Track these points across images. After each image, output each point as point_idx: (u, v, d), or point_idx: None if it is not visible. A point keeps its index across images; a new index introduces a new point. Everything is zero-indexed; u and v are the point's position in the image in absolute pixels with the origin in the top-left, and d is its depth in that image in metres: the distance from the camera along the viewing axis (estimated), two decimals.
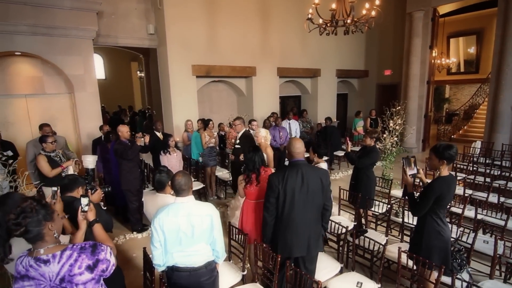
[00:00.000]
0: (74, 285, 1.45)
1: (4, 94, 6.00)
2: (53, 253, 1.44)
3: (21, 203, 1.40)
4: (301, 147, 2.60)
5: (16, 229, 1.39)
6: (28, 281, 1.41)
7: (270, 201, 2.56)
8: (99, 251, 1.52)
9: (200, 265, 2.22)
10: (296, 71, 9.47)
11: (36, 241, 1.43)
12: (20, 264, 1.44)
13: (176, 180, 2.10)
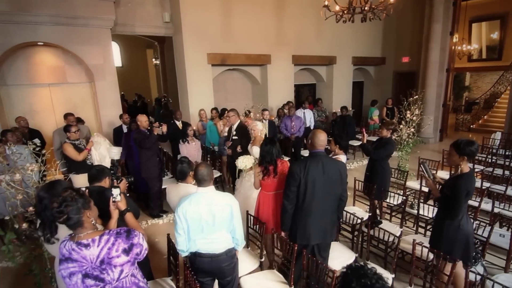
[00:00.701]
0: (113, 267, 1.59)
1: (29, 84, 6.22)
2: (92, 238, 1.59)
3: (62, 193, 1.54)
4: (325, 139, 2.68)
5: (59, 216, 1.54)
6: (72, 263, 1.56)
7: (291, 190, 2.63)
8: (133, 236, 1.66)
9: (221, 252, 2.34)
10: (311, 58, 9.36)
11: (76, 227, 1.58)
12: (64, 248, 1.59)
13: (199, 171, 2.21)
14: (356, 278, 1.11)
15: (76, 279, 1.56)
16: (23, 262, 2.75)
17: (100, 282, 1.58)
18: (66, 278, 1.57)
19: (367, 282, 1.08)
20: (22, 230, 2.38)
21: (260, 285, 2.75)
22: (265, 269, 3.11)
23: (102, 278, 1.58)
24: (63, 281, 1.60)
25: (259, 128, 4.46)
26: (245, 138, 4.99)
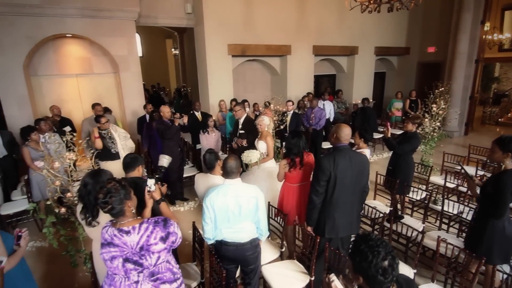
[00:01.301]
0: (151, 253, 1.70)
1: (58, 74, 6.48)
2: (133, 226, 1.70)
3: (106, 184, 1.65)
4: (349, 133, 2.69)
5: (104, 206, 1.65)
6: (113, 248, 1.68)
7: (321, 184, 2.62)
8: (169, 225, 1.77)
9: (245, 241, 2.43)
10: (333, 49, 9.20)
11: (119, 216, 1.70)
12: (106, 233, 1.71)
13: (228, 163, 2.29)
14: (364, 242, 1.27)
15: (117, 262, 1.68)
16: (59, 243, 2.93)
17: (139, 266, 1.69)
18: (108, 261, 1.70)
19: (373, 244, 1.25)
20: (60, 214, 2.55)
21: (281, 274, 2.82)
22: (285, 259, 3.19)
23: (140, 263, 1.69)
24: (105, 263, 1.72)
25: (265, 123, 4.38)
26: (251, 132, 4.85)
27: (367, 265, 1.23)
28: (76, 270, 3.32)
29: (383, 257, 1.22)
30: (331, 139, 2.78)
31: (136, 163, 2.52)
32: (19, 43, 5.70)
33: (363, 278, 1.27)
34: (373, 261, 1.22)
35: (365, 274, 1.25)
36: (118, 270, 1.70)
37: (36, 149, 4.27)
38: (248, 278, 2.58)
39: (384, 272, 1.21)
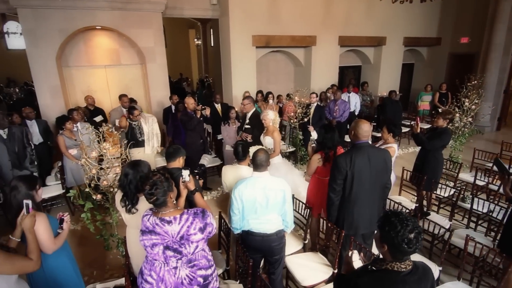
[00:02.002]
0: (190, 242, 1.80)
1: (87, 65, 6.72)
2: (174, 216, 1.79)
3: (152, 176, 1.74)
4: (369, 129, 2.63)
5: (150, 197, 1.75)
6: (155, 235, 1.77)
7: (338, 183, 2.63)
8: (206, 216, 1.86)
9: (271, 232, 2.49)
10: (359, 39, 8.95)
11: (161, 206, 1.79)
12: (148, 221, 1.80)
13: (258, 156, 2.34)
14: (395, 215, 1.41)
15: (157, 249, 1.78)
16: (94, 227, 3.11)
17: (178, 254, 1.79)
18: (148, 248, 1.80)
19: (403, 218, 1.39)
20: (97, 200, 2.71)
21: (304, 265, 2.86)
22: (307, 251, 3.23)
23: (180, 251, 1.79)
24: (145, 249, 1.83)
25: (270, 118, 4.22)
26: (258, 127, 4.71)
27: (395, 234, 1.37)
28: (107, 252, 3.51)
29: (410, 229, 1.36)
30: (350, 136, 2.75)
31: (177, 154, 2.62)
32: (52, 35, 5.95)
33: (388, 246, 1.41)
34: (401, 231, 1.36)
35: (391, 242, 1.38)
36: (158, 257, 1.80)
37: (70, 137, 4.50)
38: (273, 267, 2.64)
39: (409, 242, 1.35)
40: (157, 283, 1.81)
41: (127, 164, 2.28)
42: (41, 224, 1.98)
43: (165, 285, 1.80)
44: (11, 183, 2.08)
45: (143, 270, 1.89)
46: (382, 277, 1.43)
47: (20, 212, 1.93)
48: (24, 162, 4.21)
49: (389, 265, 1.43)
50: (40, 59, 5.94)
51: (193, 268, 1.87)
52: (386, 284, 1.41)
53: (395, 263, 1.42)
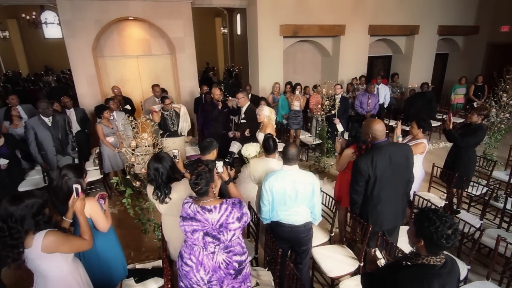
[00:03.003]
0: (228, 230, 1.93)
1: (121, 55, 6.97)
2: (214, 205, 1.92)
3: (197, 167, 1.87)
4: (384, 128, 2.61)
5: (195, 187, 1.89)
6: (196, 222, 1.92)
7: (360, 185, 2.63)
8: (243, 206, 1.99)
9: (300, 224, 2.58)
10: (391, 28, 8.63)
11: (204, 195, 1.93)
12: (189, 208, 1.94)
13: (290, 150, 2.42)
14: (433, 212, 1.47)
15: (197, 235, 1.92)
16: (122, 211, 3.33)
17: (216, 240, 1.93)
18: (189, 233, 1.94)
19: (440, 214, 1.45)
20: (136, 187, 2.90)
21: (330, 257, 2.94)
22: (333, 243, 3.30)
23: (218, 238, 1.93)
24: (185, 234, 1.98)
25: (265, 114, 4.06)
26: (254, 122, 4.52)
27: (434, 230, 1.43)
28: (143, 235, 3.75)
29: (449, 226, 1.43)
30: (367, 139, 2.69)
31: (212, 147, 2.77)
32: (89, 26, 6.21)
33: (425, 241, 1.47)
34: (440, 227, 1.42)
35: (429, 237, 1.45)
36: (198, 242, 1.94)
37: (107, 126, 4.76)
38: (300, 258, 2.75)
39: (448, 238, 1.42)
40: (197, 266, 1.96)
41: (152, 159, 2.40)
42: (96, 207, 2.20)
43: (204, 269, 1.95)
44: (62, 171, 2.28)
45: (183, 253, 2.04)
46: (419, 272, 1.49)
47: (70, 196, 2.13)
48: (67, 148, 4.52)
49: (425, 260, 1.50)
50: (78, 49, 6.24)
51: (229, 254, 2.00)
52: (423, 278, 1.47)
53: (430, 257, 1.49)
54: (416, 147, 3.39)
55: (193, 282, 2.00)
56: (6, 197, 1.80)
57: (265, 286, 2.61)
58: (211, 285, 1.99)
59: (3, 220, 1.74)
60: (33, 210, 1.79)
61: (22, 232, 1.75)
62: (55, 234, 1.83)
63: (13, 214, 1.73)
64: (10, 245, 1.74)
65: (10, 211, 1.74)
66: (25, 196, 1.80)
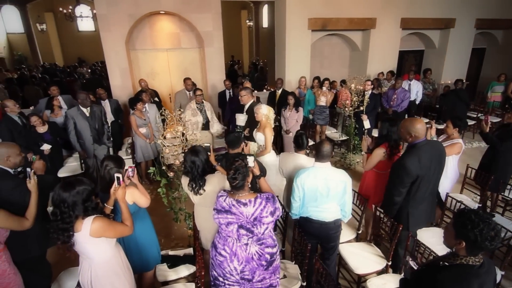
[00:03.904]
0: (262, 224, 2.00)
1: (151, 48, 7.17)
2: (249, 199, 1.99)
3: (235, 162, 1.94)
4: (425, 127, 2.58)
5: (233, 181, 1.96)
6: (230, 215, 1.99)
7: (406, 186, 2.58)
8: (276, 201, 2.04)
9: (329, 221, 2.60)
10: (424, 22, 8.29)
11: (239, 189, 2.00)
12: (224, 202, 2.01)
13: (324, 147, 2.44)
14: (474, 214, 1.46)
15: (232, 227, 2.00)
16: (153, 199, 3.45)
17: (250, 233, 2.00)
18: (223, 225, 2.03)
19: (483, 216, 1.45)
20: (170, 178, 3.03)
21: (358, 254, 2.95)
22: (360, 241, 3.30)
23: (252, 231, 2.00)
24: (219, 226, 2.07)
25: (262, 112, 3.88)
26: (254, 121, 4.26)
27: (478, 232, 1.42)
28: (173, 224, 3.90)
29: (492, 227, 1.43)
30: (407, 139, 2.63)
31: (240, 141, 2.84)
32: (123, 20, 6.43)
33: (467, 243, 1.47)
34: (484, 229, 1.41)
35: (473, 239, 1.44)
36: (232, 234, 2.02)
37: (140, 117, 4.95)
38: (328, 253, 2.77)
39: (492, 239, 1.42)
40: (230, 257, 2.04)
41: (189, 152, 2.49)
42: (134, 190, 2.37)
43: (238, 259, 2.03)
44: (104, 162, 2.42)
45: (217, 244, 2.13)
46: (459, 272, 1.51)
47: (112, 185, 2.27)
48: (103, 138, 4.76)
49: (463, 260, 1.51)
50: (112, 42, 6.49)
51: (261, 246, 2.07)
52: (463, 277, 1.49)
53: (469, 257, 1.50)
54: (452, 147, 3.29)
55: (226, 271, 2.08)
56: (59, 184, 1.94)
57: (292, 278, 2.67)
58: (243, 275, 2.06)
59: (56, 205, 1.88)
60: (83, 196, 1.92)
61: (73, 217, 1.89)
62: (102, 220, 1.97)
63: (65, 200, 1.87)
64: (61, 229, 1.88)
65: (63, 197, 1.87)
66: (77, 183, 1.93)
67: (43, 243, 2.63)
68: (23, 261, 2.42)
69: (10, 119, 4.53)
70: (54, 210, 1.89)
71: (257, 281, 2.07)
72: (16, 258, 2.33)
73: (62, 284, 2.64)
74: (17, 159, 2.47)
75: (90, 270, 2.04)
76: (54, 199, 1.90)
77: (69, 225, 1.89)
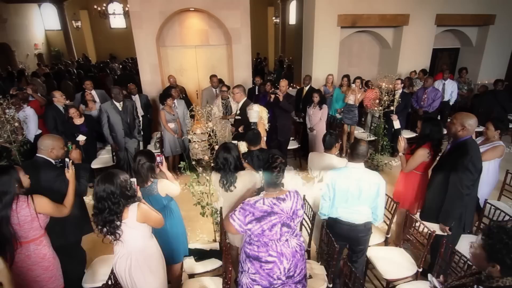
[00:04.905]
0: (297, 217, 1.99)
1: (180, 45, 7.30)
2: (285, 193, 1.97)
3: (276, 160, 1.92)
4: (476, 124, 2.54)
5: (277, 179, 1.94)
6: (273, 216, 1.92)
7: (471, 186, 2.53)
8: (300, 195, 2.04)
9: (360, 223, 2.54)
10: (462, 18, 7.88)
11: (277, 186, 1.96)
12: (264, 205, 1.92)
13: (360, 147, 2.38)
14: (505, 233, 1.31)
15: (276, 229, 1.92)
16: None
17: (289, 228, 1.98)
18: (267, 231, 1.91)
19: None
20: (199, 172, 3.09)
21: (387, 259, 2.86)
22: (388, 245, 3.21)
23: (290, 225, 1.98)
24: (261, 234, 1.92)
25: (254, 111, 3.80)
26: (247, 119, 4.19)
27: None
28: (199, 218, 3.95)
29: None
30: (457, 131, 2.54)
31: (259, 138, 2.88)
32: (154, 17, 6.59)
33: (502, 266, 1.33)
34: None
35: (509, 263, 1.31)
36: (275, 236, 1.93)
37: (169, 112, 5.06)
38: (356, 256, 2.71)
39: None
40: (279, 258, 1.96)
41: (222, 150, 2.52)
42: (164, 182, 2.46)
43: (286, 257, 1.97)
44: (137, 156, 2.49)
45: (258, 255, 1.97)
46: None
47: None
48: (134, 132, 4.91)
49: (500, 282, 1.36)
50: (143, 39, 6.67)
51: (297, 237, 2.06)
52: None
53: (506, 278, 1.36)
54: (494, 150, 3.12)
55: (274, 277, 1.98)
56: (98, 179, 1.99)
57: (318, 279, 2.64)
58: (289, 273, 2.01)
59: (104, 198, 1.93)
60: (126, 185, 2.01)
61: (122, 206, 1.98)
62: (144, 206, 2.08)
63: (114, 191, 1.94)
64: (109, 221, 1.96)
65: (111, 189, 1.94)
66: (117, 174, 2.00)
67: (79, 230, 2.76)
68: (60, 247, 2.54)
69: (56, 108, 4.86)
70: (102, 204, 1.94)
71: (297, 274, 2.05)
72: (55, 243, 2.46)
73: (96, 270, 2.76)
74: (60, 152, 2.61)
75: (130, 258, 2.11)
76: (100, 194, 1.94)
77: (118, 215, 1.97)
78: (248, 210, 1.93)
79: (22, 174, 2.19)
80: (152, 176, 2.46)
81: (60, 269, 2.43)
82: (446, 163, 2.73)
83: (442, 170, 2.75)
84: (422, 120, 3.04)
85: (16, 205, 2.08)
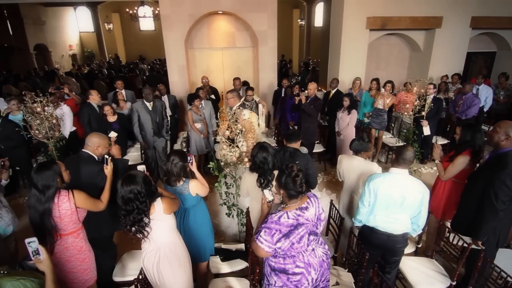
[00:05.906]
0: (321, 221, 1.95)
1: (208, 47, 7.42)
2: (306, 201, 1.92)
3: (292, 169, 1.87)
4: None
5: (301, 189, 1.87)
6: (300, 227, 1.85)
7: (510, 200, 2.41)
8: (318, 198, 2.00)
9: (398, 233, 2.44)
10: (499, 21, 7.49)
11: (299, 195, 1.88)
12: (289, 219, 1.84)
13: (408, 152, 2.32)
14: None
15: (304, 239, 1.86)
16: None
17: (315, 236, 1.94)
18: (295, 244, 1.84)
19: None
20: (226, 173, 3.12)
21: (417, 269, 2.77)
22: (419, 255, 3.09)
23: (316, 232, 1.94)
24: (290, 247, 1.84)
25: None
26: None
27: None
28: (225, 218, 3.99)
29: None
30: (500, 141, 2.41)
31: (297, 137, 2.92)
32: (183, 20, 6.73)
33: None
34: None
35: None
36: (303, 247, 1.88)
37: (196, 113, 5.15)
38: (390, 267, 2.60)
39: None
40: (307, 269, 1.90)
41: (260, 150, 2.55)
42: (195, 182, 2.53)
43: (313, 268, 1.92)
44: (171, 156, 2.54)
45: (285, 267, 1.91)
46: None
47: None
48: (162, 131, 5.04)
49: None
50: (173, 41, 6.83)
51: (322, 245, 2.02)
52: None
53: None
54: None
55: None
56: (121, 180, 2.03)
57: (345, 287, 2.58)
58: (316, 282, 1.97)
59: (132, 200, 1.98)
60: (148, 182, 2.07)
61: (149, 203, 2.04)
62: (166, 198, 2.17)
63: (140, 191, 2.00)
64: (138, 220, 2.02)
65: (137, 189, 1.99)
66: (137, 174, 2.06)
67: (113, 225, 2.86)
68: (94, 240, 2.65)
69: (90, 105, 5.07)
70: (129, 205, 1.99)
71: (322, 282, 2.02)
72: (89, 236, 2.56)
73: (126, 264, 2.85)
74: (104, 150, 2.75)
75: (158, 253, 2.17)
76: (127, 196, 1.98)
77: (146, 213, 2.04)
78: (274, 228, 1.83)
79: (64, 170, 2.30)
80: (184, 175, 2.52)
81: (94, 262, 2.53)
82: (483, 174, 2.60)
83: (478, 181, 2.62)
84: (461, 126, 2.91)
85: (58, 199, 2.19)
